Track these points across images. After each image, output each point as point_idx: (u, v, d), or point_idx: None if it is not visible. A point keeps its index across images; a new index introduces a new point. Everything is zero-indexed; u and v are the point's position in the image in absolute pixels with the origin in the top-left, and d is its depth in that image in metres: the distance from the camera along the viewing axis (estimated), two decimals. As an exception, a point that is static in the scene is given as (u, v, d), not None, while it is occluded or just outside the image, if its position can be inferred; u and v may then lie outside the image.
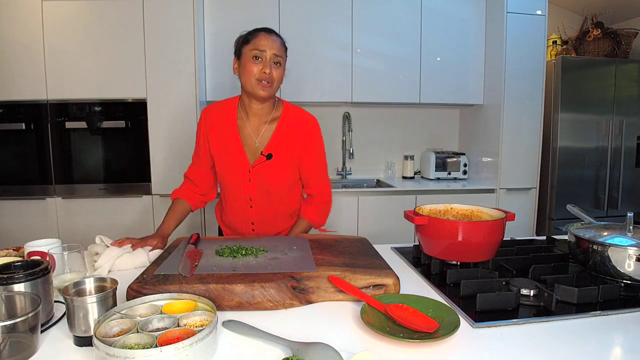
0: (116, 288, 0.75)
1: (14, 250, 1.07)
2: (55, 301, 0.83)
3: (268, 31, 1.29)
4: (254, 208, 1.41)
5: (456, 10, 2.87)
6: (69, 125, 2.42)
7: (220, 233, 1.59)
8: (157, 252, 1.17)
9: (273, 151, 1.33)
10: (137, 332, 0.67)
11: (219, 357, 0.68)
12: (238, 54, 1.31)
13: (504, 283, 0.93)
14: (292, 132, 1.36)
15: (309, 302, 0.88)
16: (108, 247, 1.11)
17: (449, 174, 3.03)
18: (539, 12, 2.74)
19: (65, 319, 0.75)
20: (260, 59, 1.25)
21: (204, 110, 1.41)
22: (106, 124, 2.44)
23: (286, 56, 1.35)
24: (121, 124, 2.45)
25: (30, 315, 0.65)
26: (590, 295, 0.87)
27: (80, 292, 0.76)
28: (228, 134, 1.35)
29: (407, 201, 2.71)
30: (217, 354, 0.68)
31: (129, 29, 2.39)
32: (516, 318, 0.81)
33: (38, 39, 2.34)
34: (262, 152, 1.33)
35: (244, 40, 1.30)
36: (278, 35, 1.31)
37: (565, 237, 1.19)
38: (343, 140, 3.15)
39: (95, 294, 0.75)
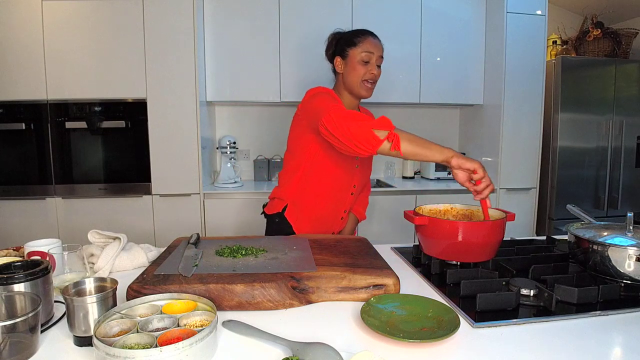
0: (116, 288, 0.75)
1: (14, 250, 1.07)
2: (55, 301, 0.83)
3: (373, 35, 1.38)
4: (354, 195, 1.48)
5: (456, 10, 2.87)
6: (69, 125, 2.42)
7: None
8: (156, 253, 1.17)
9: None
10: (137, 332, 0.67)
11: (219, 357, 0.68)
12: (343, 54, 1.38)
13: (504, 283, 0.93)
14: None
15: (309, 302, 0.88)
16: (103, 248, 1.10)
17: (449, 174, 3.03)
18: (539, 12, 2.74)
19: (65, 319, 0.75)
20: (368, 62, 1.35)
21: (323, 88, 1.39)
22: (106, 124, 2.44)
23: None
24: (121, 124, 2.45)
25: (30, 315, 0.65)
26: (590, 295, 0.87)
27: (80, 292, 0.76)
28: None
29: (407, 201, 2.71)
30: (217, 354, 0.68)
31: (129, 29, 2.40)
32: (516, 318, 0.81)
33: (38, 39, 2.34)
34: None
35: (350, 42, 1.37)
36: (378, 38, 1.40)
37: (565, 237, 1.19)
38: (343, 140, 3.15)
39: (95, 294, 0.75)
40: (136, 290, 0.82)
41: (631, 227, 1.04)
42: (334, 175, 1.40)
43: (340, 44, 1.40)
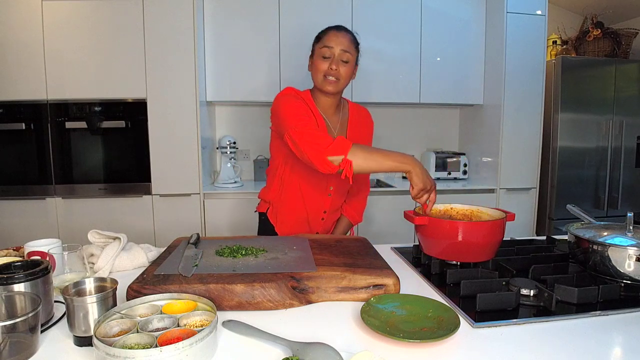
0: (116, 288, 0.75)
1: (14, 250, 1.07)
2: (55, 301, 0.83)
3: (338, 28, 1.33)
4: (332, 197, 1.46)
5: (456, 10, 2.87)
6: (69, 125, 2.42)
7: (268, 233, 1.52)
8: (156, 253, 1.17)
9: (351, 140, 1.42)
10: (137, 332, 0.67)
11: (219, 357, 0.68)
12: (312, 52, 1.37)
13: (504, 283, 0.93)
14: (359, 125, 1.47)
15: (309, 302, 0.88)
16: (103, 248, 1.10)
17: (449, 174, 3.03)
18: (539, 12, 2.74)
19: (65, 319, 0.75)
20: (328, 57, 1.30)
21: (292, 88, 1.38)
22: (106, 124, 2.44)
23: (357, 52, 1.37)
24: (121, 124, 2.45)
25: (30, 315, 0.65)
26: (590, 295, 0.87)
27: (80, 292, 0.76)
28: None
29: (407, 201, 2.70)
30: (217, 354, 0.68)
31: (129, 29, 2.39)
32: (516, 318, 0.81)
33: (38, 39, 2.34)
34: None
35: (315, 39, 1.36)
36: (348, 31, 1.34)
37: (565, 237, 1.19)
38: (343, 140, 3.15)
39: (95, 294, 0.75)
40: (136, 290, 0.82)
41: (631, 227, 1.04)
42: (307, 177, 1.40)
43: (312, 44, 1.39)
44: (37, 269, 0.76)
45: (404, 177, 3.18)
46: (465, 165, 3.03)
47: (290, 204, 1.46)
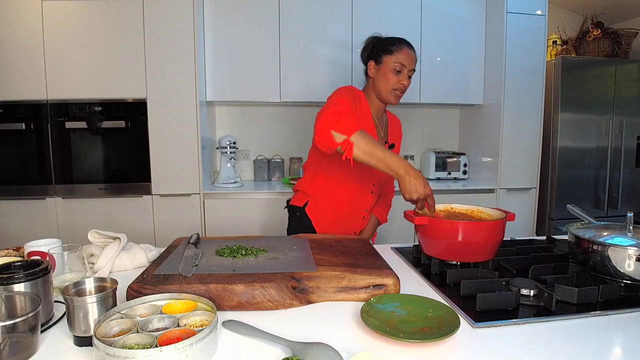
0: (116, 288, 0.75)
1: (14, 250, 1.07)
2: (55, 301, 0.83)
3: (409, 46, 1.40)
4: (374, 194, 1.51)
5: (456, 10, 2.86)
6: (69, 125, 2.42)
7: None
8: (156, 253, 1.17)
9: (391, 142, 1.54)
10: (137, 332, 0.67)
11: (219, 357, 0.68)
12: (377, 59, 1.40)
13: (504, 283, 0.93)
14: (396, 128, 1.60)
15: (309, 302, 0.88)
16: (103, 248, 1.10)
17: (449, 174, 3.03)
18: (539, 12, 2.74)
19: (65, 319, 0.75)
20: (400, 72, 1.38)
21: (352, 86, 1.43)
22: (106, 124, 2.44)
23: None
24: (121, 124, 2.45)
25: (30, 315, 0.65)
26: (590, 295, 0.87)
27: (80, 292, 0.76)
28: (364, 119, 1.41)
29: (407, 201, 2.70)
30: (217, 354, 0.68)
31: (129, 29, 2.39)
32: (516, 318, 0.81)
33: (38, 39, 2.34)
34: (386, 141, 1.52)
35: (385, 49, 1.39)
36: (413, 48, 1.41)
37: (565, 237, 1.19)
38: (343, 140, 3.14)
39: (95, 294, 0.75)
40: (136, 290, 0.82)
41: (631, 227, 1.04)
42: (353, 172, 1.41)
43: (376, 49, 1.42)
44: (37, 269, 0.76)
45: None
46: (465, 165, 3.03)
47: (334, 201, 1.46)
